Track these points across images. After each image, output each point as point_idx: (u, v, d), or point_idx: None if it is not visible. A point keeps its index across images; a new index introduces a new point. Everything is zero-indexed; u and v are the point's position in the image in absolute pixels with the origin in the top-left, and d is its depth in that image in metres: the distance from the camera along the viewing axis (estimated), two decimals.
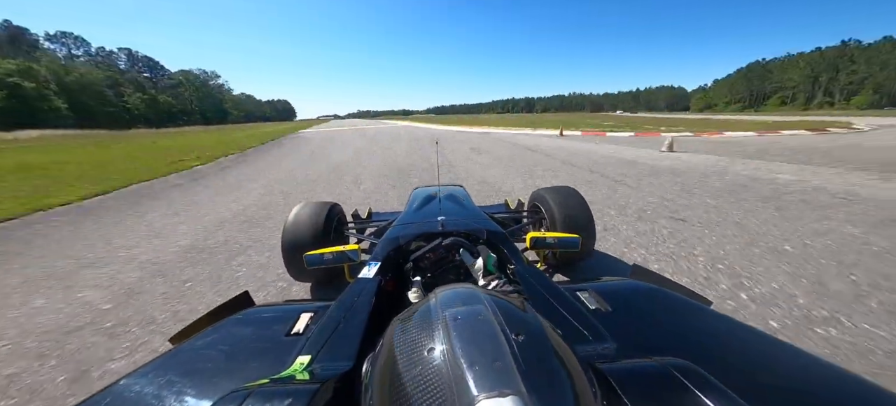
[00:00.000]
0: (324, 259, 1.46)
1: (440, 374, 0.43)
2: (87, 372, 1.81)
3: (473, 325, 0.50)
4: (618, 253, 3.07)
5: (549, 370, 0.46)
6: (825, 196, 4.84)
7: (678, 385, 0.53)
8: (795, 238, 3.32)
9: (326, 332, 0.86)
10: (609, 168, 7.48)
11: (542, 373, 0.44)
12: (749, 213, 4.16)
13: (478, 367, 0.42)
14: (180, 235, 3.97)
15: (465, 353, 0.44)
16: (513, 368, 0.42)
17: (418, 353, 0.47)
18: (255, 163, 10.53)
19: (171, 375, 0.74)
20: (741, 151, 9.71)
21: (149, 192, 6.58)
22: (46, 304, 2.54)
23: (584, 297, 0.99)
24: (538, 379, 0.42)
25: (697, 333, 0.86)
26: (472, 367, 0.42)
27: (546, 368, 0.46)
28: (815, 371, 0.70)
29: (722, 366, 0.68)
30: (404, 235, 1.52)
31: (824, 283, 2.47)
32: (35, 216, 4.98)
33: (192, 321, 1.07)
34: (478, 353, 0.44)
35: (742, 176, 6.35)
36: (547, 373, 0.45)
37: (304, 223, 2.30)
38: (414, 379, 0.44)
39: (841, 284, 2.44)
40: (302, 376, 0.69)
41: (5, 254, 3.59)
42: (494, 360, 0.43)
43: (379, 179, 6.92)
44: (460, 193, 2.46)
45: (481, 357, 0.44)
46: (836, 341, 1.87)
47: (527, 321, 0.53)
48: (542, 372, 0.44)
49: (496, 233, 1.56)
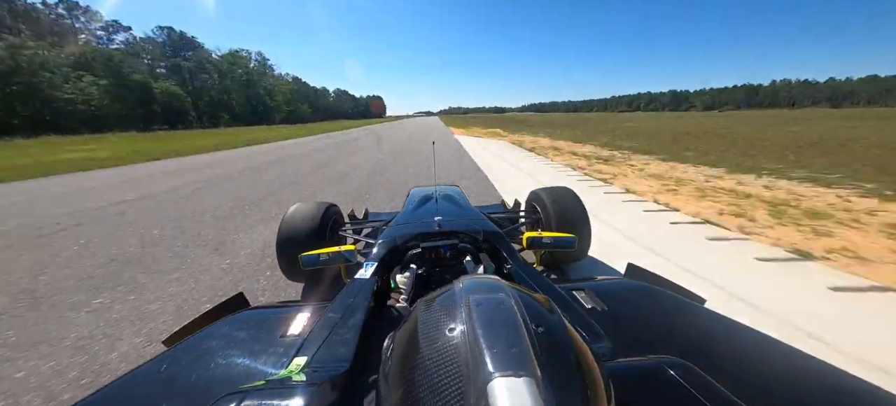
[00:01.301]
0: (320, 259, 1.45)
1: (459, 352, 0.45)
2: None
3: (495, 310, 0.51)
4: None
5: (565, 362, 0.47)
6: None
7: (673, 383, 0.54)
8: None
9: (323, 332, 0.85)
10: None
11: (557, 363, 0.45)
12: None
13: (496, 349, 0.44)
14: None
15: (485, 335, 0.46)
16: (530, 354, 0.44)
17: (440, 331, 0.50)
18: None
19: (166, 377, 0.73)
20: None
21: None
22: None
23: (580, 296, 0.99)
24: (553, 368, 0.44)
25: (691, 331, 0.87)
26: (490, 349, 0.44)
27: (562, 360, 0.47)
28: (808, 369, 0.71)
29: (715, 364, 0.69)
30: (401, 235, 1.52)
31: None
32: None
33: (185, 323, 1.06)
34: (497, 336, 0.46)
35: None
36: (563, 364, 0.46)
37: (300, 223, 2.28)
38: (433, 354, 0.47)
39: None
40: (298, 378, 0.68)
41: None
42: (512, 345, 0.45)
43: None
44: (457, 193, 2.46)
45: (500, 340, 0.45)
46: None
47: (548, 316, 0.55)
48: (558, 362, 0.46)
49: (493, 233, 1.56)
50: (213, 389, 0.68)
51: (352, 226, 2.90)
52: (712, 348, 0.80)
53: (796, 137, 13.69)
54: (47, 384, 1.82)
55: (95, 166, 10.72)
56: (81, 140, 23.96)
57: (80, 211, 5.47)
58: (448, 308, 0.54)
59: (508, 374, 0.40)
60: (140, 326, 2.29)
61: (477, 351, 0.44)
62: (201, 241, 3.91)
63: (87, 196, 6.58)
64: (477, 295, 0.55)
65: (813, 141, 12.24)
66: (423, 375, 0.45)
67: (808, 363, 0.71)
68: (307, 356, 0.76)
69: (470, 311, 0.51)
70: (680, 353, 0.62)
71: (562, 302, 0.95)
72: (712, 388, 0.53)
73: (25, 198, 6.58)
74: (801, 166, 7.30)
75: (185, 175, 8.87)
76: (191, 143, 19.57)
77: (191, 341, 0.86)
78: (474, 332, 0.47)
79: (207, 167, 10.30)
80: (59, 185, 7.91)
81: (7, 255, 3.66)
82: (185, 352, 0.82)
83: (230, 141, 20.68)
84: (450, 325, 0.50)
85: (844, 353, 1.81)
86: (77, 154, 14.18)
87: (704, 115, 64.11)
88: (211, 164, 10.95)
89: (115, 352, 2.05)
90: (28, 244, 4.00)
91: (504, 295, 0.55)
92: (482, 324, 0.48)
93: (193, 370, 0.75)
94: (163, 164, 11.21)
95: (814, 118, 33.43)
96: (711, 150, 10.60)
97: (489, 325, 0.48)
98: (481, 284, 0.59)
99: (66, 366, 1.94)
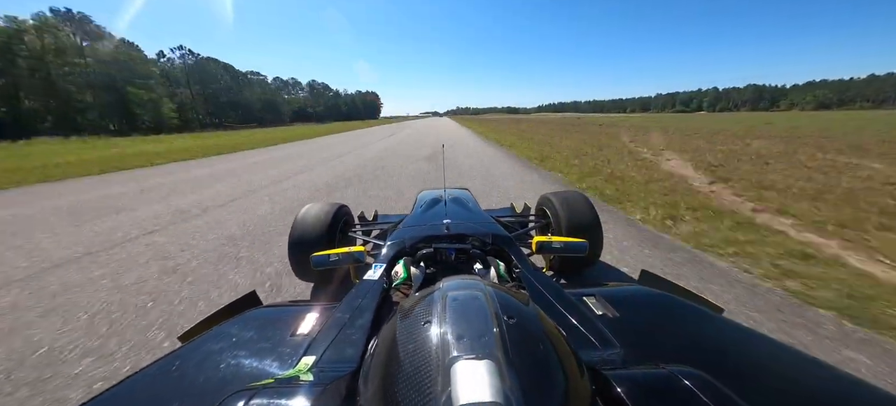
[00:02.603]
0: (330, 260, 1.47)
1: (430, 341, 0.49)
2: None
3: (467, 304, 0.54)
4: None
5: (532, 349, 0.50)
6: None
7: (685, 393, 0.52)
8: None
9: (331, 333, 0.86)
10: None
11: (525, 352, 0.48)
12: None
13: (465, 338, 0.47)
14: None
15: (455, 326, 0.49)
16: (496, 340, 0.47)
17: (416, 324, 0.53)
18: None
19: (180, 372, 0.75)
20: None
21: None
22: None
23: (590, 302, 0.97)
24: (519, 355, 0.46)
25: (707, 341, 0.84)
26: (458, 337, 0.47)
27: (530, 347, 0.50)
28: (837, 384, 0.66)
29: (733, 375, 0.66)
30: (410, 237, 1.52)
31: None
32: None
33: (200, 320, 1.08)
34: (466, 326, 0.49)
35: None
36: (531, 353, 0.49)
37: (311, 224, 2.31)
38: (408, 344, 0.50)
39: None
40: (306, 377, 0.69)
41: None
42: (481, 334, 0.48)
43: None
44: (466, 196, 2.45)
45: (469, 329, 0.49)
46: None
47: (521, 309, 0.57)
48: (525, 351, 0.48)
49: (502, 236, 1.55)
50: (224, 386, 0.69)
51: (361, 227, 2.93)
52: (731, 359, 0.76)
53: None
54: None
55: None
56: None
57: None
58: (427, 305, 0.57)
59: (471, 358, 0.43)
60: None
61: (446, 340, 0.47)
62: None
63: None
64: (454, 292, 0.58)
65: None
66: (398, 365, 0.48)
67: (840, 378, 0.66)
68: (315, 356, 0.77)
69: (445, 305, 0.54)
70: (695, 364, 0.60)
71: (570, 307, 0.93)
72: (729, 400, 0.51)
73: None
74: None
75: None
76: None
77: (203, 338, 0.88)
78: (446, 324, 0.50)
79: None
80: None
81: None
82: (197, 348, 0.84)
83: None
84: (426, 319, 0.53)
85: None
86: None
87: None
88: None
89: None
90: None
91: (479, 291, 0.58)
92: (453, 315, 0.51)
93: (205, 367, 0.76)
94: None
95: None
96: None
97: (459, 316, 0.51)
98: (460, 283, 0.62)
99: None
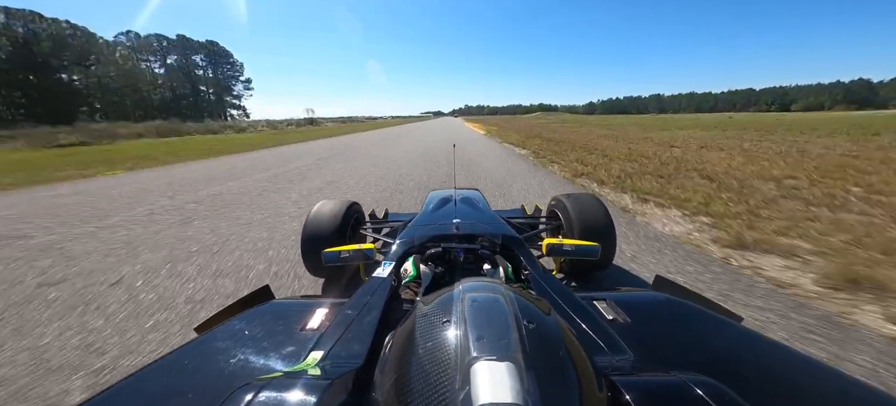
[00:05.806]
0: (341, 256, 1.49)
1: (449, 340, 0.49)
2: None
3: (487, 306, 0.54)
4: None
5: (553, 355, 0.49)
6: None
7: (697, 402, 0.51)
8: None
9: (340, 328, 0.87)
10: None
11: (544, 355, 0.47)
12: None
13: (485, 339, 0.46)
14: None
15: (474, 326, 0.49)
16: (516, 343, 0.46)
17: (435, 323, 0.53)
18: None
19: (193, 364, 0.77)
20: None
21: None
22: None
23: (601, 306, 0.95)
24: (539, 358, 0.45)
25: (723, 350, 0.81)
26: (478, 338, 0.47)
27: (550, 353, 0.49)
28: (861, 398, 0.63)
29: (750, 386, 0.64)
30: (420, 236, 1.53)
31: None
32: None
33: (215, 312, 1.11)
34: (486, 327, 0.49)
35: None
36: (550, 356, 0.48)
37: (324, 220, 2.35)
38: (426, 343, 0.50)
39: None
40: (314, 371, 0.69)
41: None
42: (500, 337, 0.47)
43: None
44: (476, 197, 2.44)
45: (489, 331, 0.48)
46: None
47: (541, 315, 0.56)
48: (545, 355, 0.47)
49: (512, 237, 1.54)
50: (235, 378, 0.71)
51: (372, 225, 2.96)
52: (748, 370, 0.73)
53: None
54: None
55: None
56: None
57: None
58: (445, 304, 0.56)
59: (492, 359, 0.42)
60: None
61: (465, 340, 0.47)
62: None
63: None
64: (473, 293, 0.57)
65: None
66: (415, 362, 0.48)
67: (871, 395, 0.63)
68: (323, 351, 0.78)
69: (464, 306, 0.53)
70: (709, 373, 0.58)
71: (579, 310, 0.92)
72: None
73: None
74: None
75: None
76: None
77: (217, 331, 0.91)
78: (465, 324, 0.49)
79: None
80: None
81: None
82: (210, 341, 0.86)
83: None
84: (444, 319, 0.52)
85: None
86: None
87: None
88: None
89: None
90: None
91: (498, 294, 0.57)
92: (473, 316, 0.51)
93: (217, 359, 0.78)
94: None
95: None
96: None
97: (479, 318, 0.51)
98: (479, 285, 0.62)
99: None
